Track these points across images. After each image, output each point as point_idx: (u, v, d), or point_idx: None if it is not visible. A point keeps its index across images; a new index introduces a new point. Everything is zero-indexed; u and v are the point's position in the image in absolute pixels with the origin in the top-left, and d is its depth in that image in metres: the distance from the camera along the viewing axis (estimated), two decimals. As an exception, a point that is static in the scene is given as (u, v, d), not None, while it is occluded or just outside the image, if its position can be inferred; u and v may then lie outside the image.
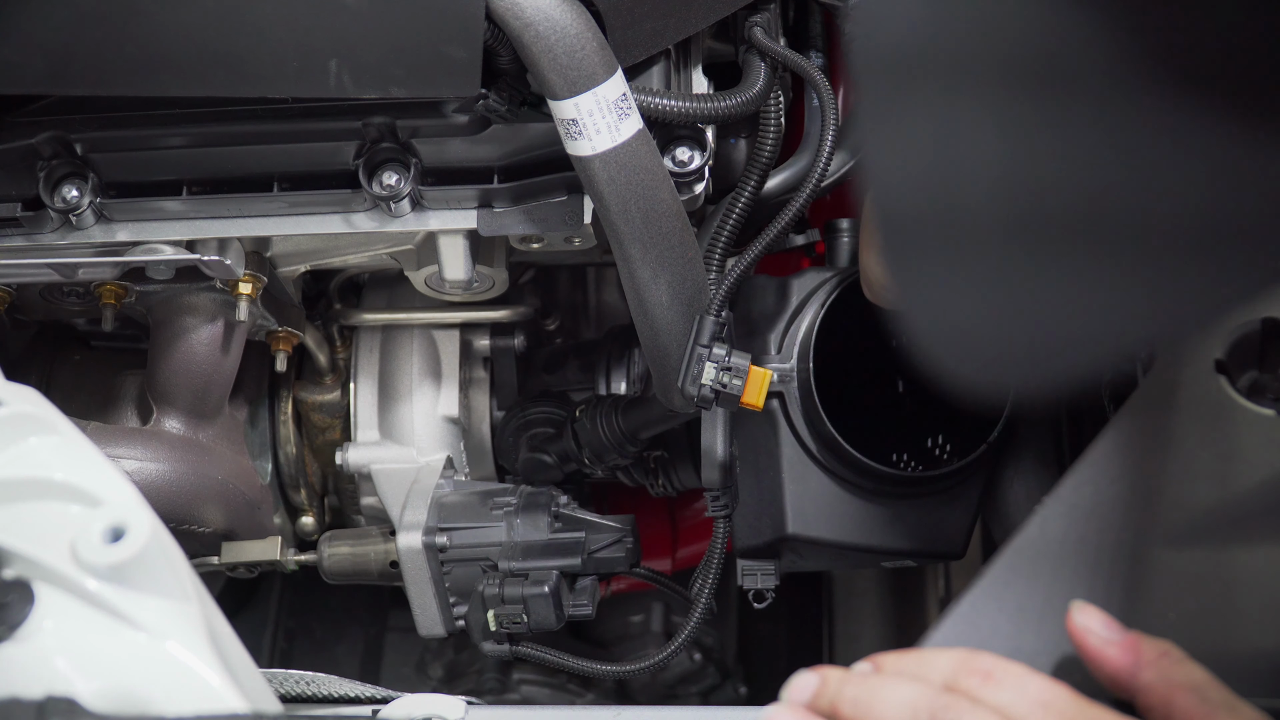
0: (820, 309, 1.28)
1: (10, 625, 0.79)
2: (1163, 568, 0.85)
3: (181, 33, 1.10)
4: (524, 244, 1.30)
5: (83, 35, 1.11)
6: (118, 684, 0.79)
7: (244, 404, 1.48)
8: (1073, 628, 0.80)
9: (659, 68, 1.22)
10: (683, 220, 1.18)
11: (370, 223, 1.24)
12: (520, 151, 1.22)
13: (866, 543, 1.32)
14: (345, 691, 1.15)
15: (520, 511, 1.37)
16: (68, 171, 1.21)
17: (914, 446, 1.38)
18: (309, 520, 1.55)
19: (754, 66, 1.22)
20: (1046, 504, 0.89)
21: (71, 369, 1.48)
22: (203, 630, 0.81)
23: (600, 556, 1.35)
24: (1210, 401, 0.91)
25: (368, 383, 1.48)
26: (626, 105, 1.11)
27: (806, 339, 1.28)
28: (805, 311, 1.30)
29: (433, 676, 1.88)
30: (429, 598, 1.38)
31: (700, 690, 1.90)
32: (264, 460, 1.50)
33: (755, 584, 1.38)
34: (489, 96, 1.15)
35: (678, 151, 1.21)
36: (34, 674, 0.78)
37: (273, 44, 1.10)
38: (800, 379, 1.28)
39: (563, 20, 1.07)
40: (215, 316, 1.35)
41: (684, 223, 1.18)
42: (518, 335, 1.49)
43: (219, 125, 1.20)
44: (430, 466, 1.44)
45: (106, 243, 1.24)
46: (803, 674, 0.83)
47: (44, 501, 0.84)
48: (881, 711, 0.77)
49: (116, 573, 0.80)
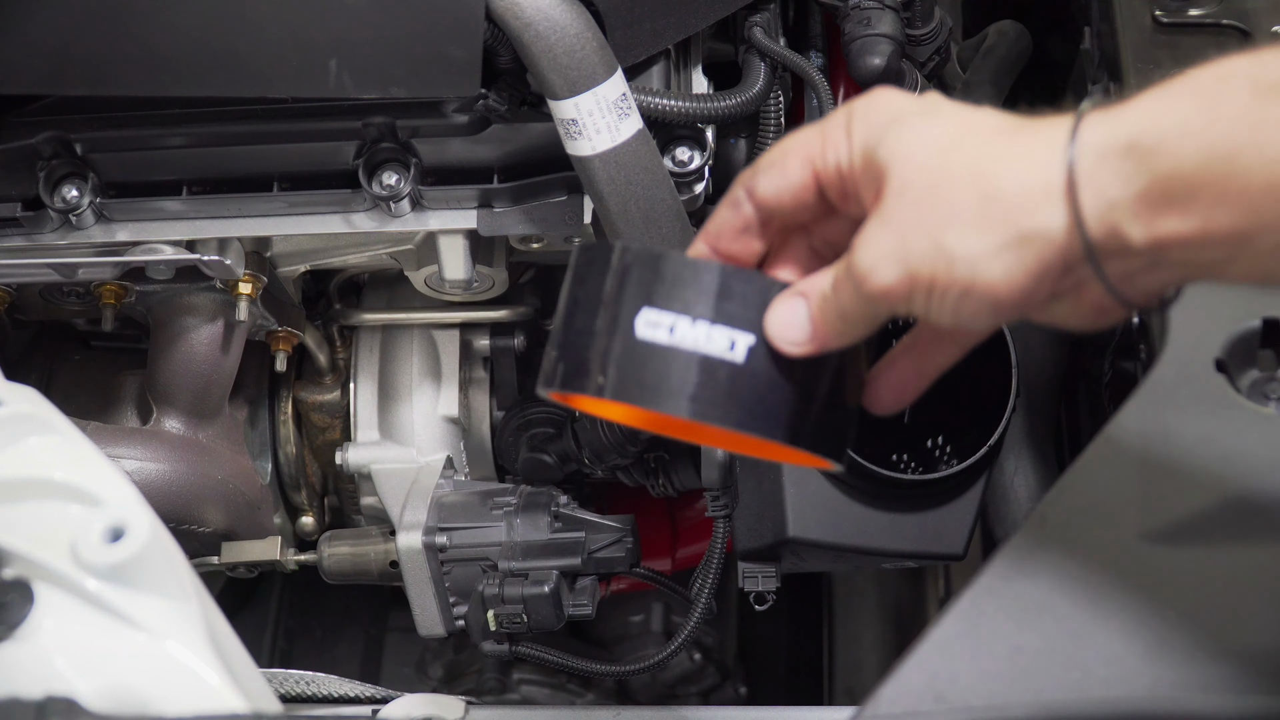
0: (820, 309, 1.28)
1: (10, 625, 0.79)
2: (1163, 567, 0.85)
3: (181, 33, 1.10)
4: (524, 244, 1.30)
5: (83, 35, 1.11)
6: (117, 684, 0.79)
7: (244, 404, 1.48)
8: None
9: (659, 68, 1.22)
10: (683, 220, 1.18)
11: (370, 223, 1.24)
12: (520, 151, 1.22)
13: (867, 545, 1.31)
14: (345, 691, 1.15)
15: (520, 511, 1.37)
16: (68, 171, 1.21)
17: (914, 448, 1.38)
18: (309, 520, 1.55)
19: (754, 66, 1.23)
20: (1047, 502, 0.89)
21: (71, 369, 1.48)
22: (203, 630, 0.81)
23: (600, 556, 1.35)
24: (1210, 401, 0.91)
25: (368, 383, 1.47)
26: (626, 105, 1.11)
27: (806, 339, 1.28)
28: (805, 311, 1.29)
29: (433, 676, 1.88)
30: (429, 598, 1.38)
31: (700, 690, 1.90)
32: (264, 460, 1.50)
33: (756, 586, 1.38)
34: (489, 96, 1.15)
35: (678, 151, 1.21)
36: (34, 674, 0.78)
37: (273, 44, 1.10)
38: (800, 379, 1.28)
39: (562, 20, 1.07)
40: (215, 316, 1.35)
41: (684, 223, 1.18)
42: (518, 335, 1.48)
43: (219, 125, 1.20)
44: (430, 466, 1.44)
45: (106, 243, 1.24)
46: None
47: (44, 501, 0.84)
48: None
49: (116, 572, 0.80)
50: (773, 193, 0.81)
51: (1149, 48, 1.13)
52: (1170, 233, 0.69)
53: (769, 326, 0.80)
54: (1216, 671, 0.80)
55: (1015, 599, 0.85)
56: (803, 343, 0.80)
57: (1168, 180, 0.69)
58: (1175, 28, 1.14)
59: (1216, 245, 0.69)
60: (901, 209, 0.74)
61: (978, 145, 0.74)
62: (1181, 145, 0.68)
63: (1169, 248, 0.70)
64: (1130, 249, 0.71)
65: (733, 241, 0.84)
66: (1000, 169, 0.72)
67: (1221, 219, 0.68)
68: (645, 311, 0.80)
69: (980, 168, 0.73)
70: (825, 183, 0.79)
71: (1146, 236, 0.70)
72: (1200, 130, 0.68)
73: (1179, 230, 0.69)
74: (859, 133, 0.77)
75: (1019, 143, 0.73)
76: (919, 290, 0.74)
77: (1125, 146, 0.70)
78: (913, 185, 0.74)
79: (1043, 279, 0.73)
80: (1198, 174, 0.68)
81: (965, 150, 0.74)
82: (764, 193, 0.81)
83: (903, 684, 0.83)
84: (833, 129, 0.78)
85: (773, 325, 0.80)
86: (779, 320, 0.80)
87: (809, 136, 0.80)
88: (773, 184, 0.81)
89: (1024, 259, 0.72)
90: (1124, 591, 0.84)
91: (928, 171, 0.74)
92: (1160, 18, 1.14)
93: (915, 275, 0.74)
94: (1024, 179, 0.72)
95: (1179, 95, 0.70)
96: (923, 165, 0.74)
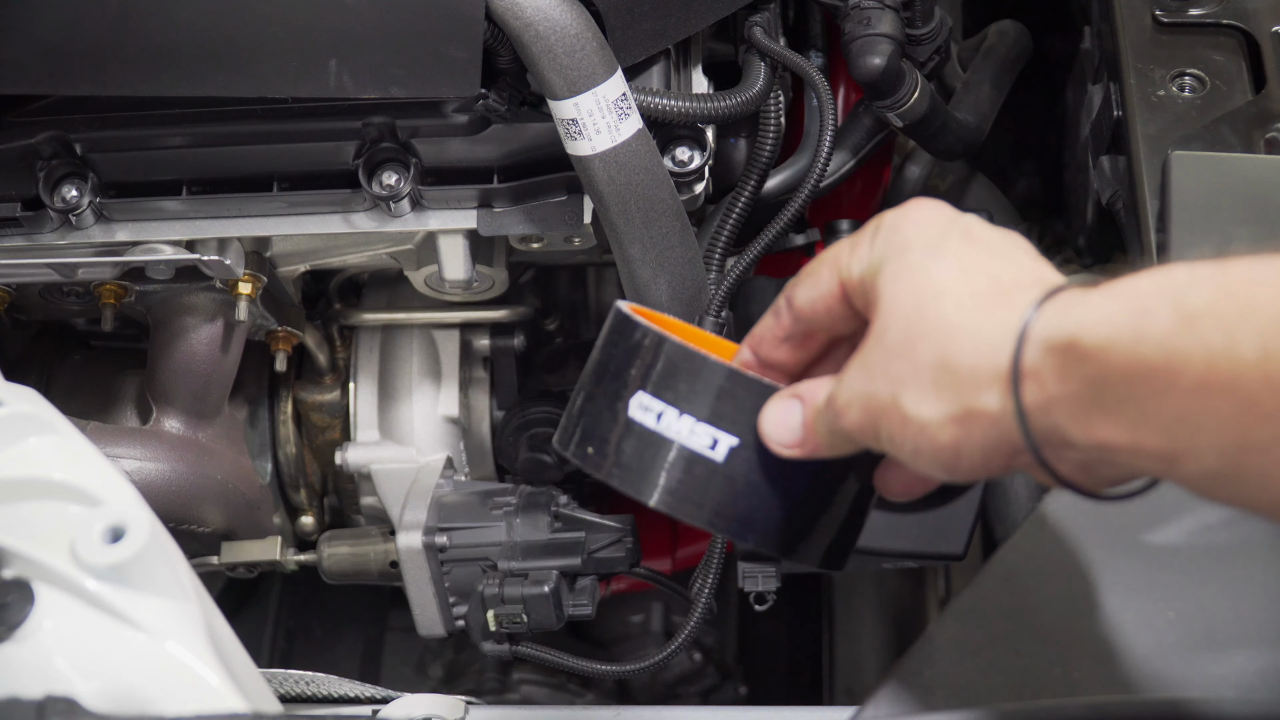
0: (820, 309, 1.28)
1: (10, 625, 0.79)
2: (1163, 567, 0.85)
3: (181, 32, 1.10)
4: (524, 244, 1.30)
5: (83, 35, 1.11)
6: (117, 684, 0.79)
7: (244, 404, 1.48)
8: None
9: (659, 68, 1.22)
10: (683, 220, 1.18)
11: (370, 223, 1.24)
12: (520, 151, 1.22)
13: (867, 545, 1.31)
14: (345, 691, 1.15)
15: (520, 511, 1.37)
16: (67, 171, 1.21)
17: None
18: (309, 520, 1.55)
19: (754, 66, 1.22)
20: (1047, 503, 0.89)
21: (71, 369, 1.48)
22: (202, 630, 0.81)
23: (600, 556, 1.35)
24: (1210, 401, 0.91)
25: (367, 383, 1.47)
26: (626, 105, 1.11)
27: (806, 339, 1.28)
28: (805, 311, 1.29)
29: (433, 676, 1.88)
30: (429, 598, 1.38)
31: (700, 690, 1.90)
32: (264, 460, 1.50)
33: (756, 586, 1.37)
34: (489, 96, 1.15)
35: (678, 151, 1.21)
36: (34, 674, 0.78)
37: (273, 44, 1.10)
38: (800, 379, 1.28)
39: (562, 20, 1.07)
40: (215, 316, 1.35)
41: (684, 223, 1.18)
42: (518, 335, 1.48)
43: (219, 125, 1.20)
44: (430, 466, 1.44)
45: (106, 243, 1.24)
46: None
47: (44, 501, 0.85)
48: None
49: (116, 573, 0.80)
50: (807, 302, 0.82)
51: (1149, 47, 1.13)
52: (1106, 438, 0.68)
53: (762, 423, 0.81)
54: (1216, 671, 0.80)
55: (1015, 599, 0.85)
56: (793, 445, 0.81)
57: (1098, 387, 0.67)
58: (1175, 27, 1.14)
59: (1150, 458, 0.68)
60: (876, 355, 0.75)
61: (951, 308, 0.73)
62: (1110, 356, 0.67)
63: (1110, 451, 0.69)
64: (1073, 444, 0.70)
65: (774, 349, 0.85)
66: (961, 340, 0.72)
67: (1149, 435, 0.67)
68: (640, 395, 0.82)
69: (947, 333, 0.73)
70: (850, 292, 0.80)
71: (1084, 437, 0.69)
72: (1129, 344, 0.66)
73: (1113, 438, 0.68)
74: (877, 249, 0.78)
75: (986, 316, 0.72)
76: (881, 438, 0.76)
77: (1065, 344, 0.68)
78: (889, 332, 0.75)
79: (991, 455, 0.73)
80: (1124, 386, 0.66)
81: (939, 310, 0.73)
82: (800, 302, 0.83)
83: (903, 684, 0.83)
84: (862, 239, 0.79)
85: (766, 423, 0.81)
86: (771, 419, 0.81)
87: (841, 245, 0.81)
88: (807, 293, 0.82)
89: (970, 433, 0.72)
90: (1123, 592, 0.84)
91: (905, 322, 0.74)
92: (1160, 17, 1.14)
93: (876, 426, 0.75)
94: (977, 357, 0.71)
95: (1119, 299, 0.68)
96: (902, 314, 0.75)
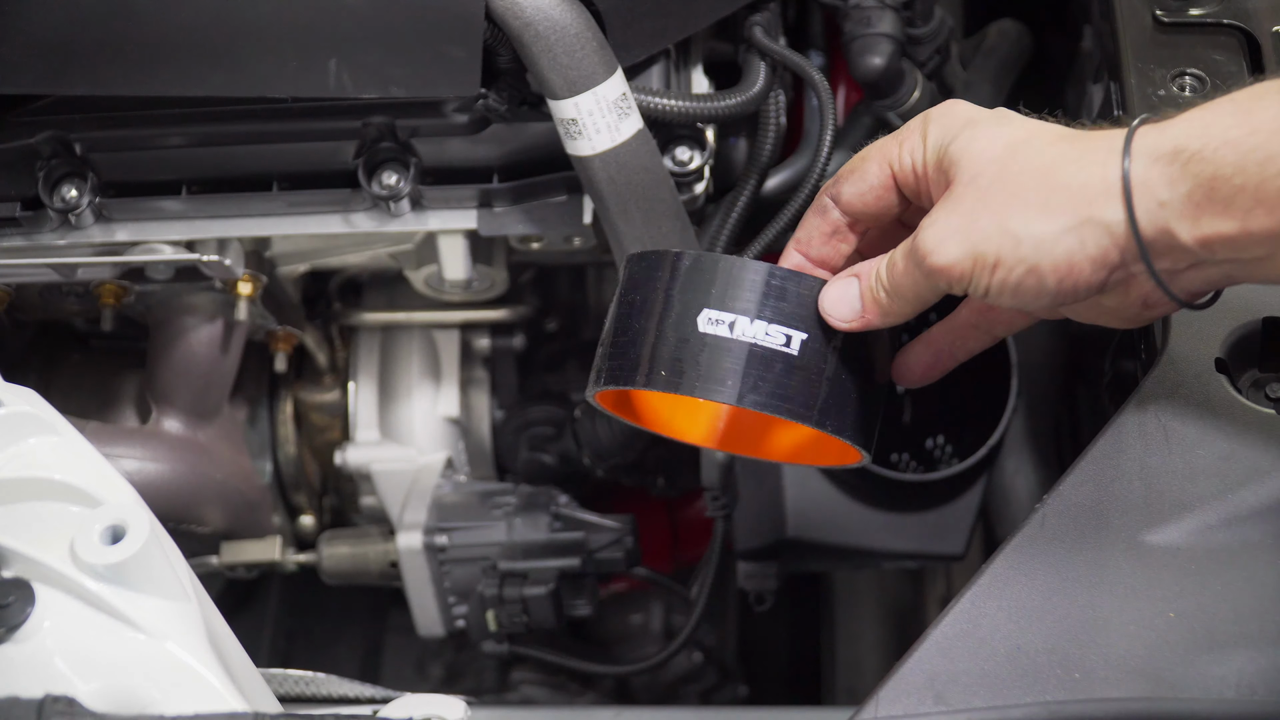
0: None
1: (10, 625, 0.79)
2: (1163, 567, 0.85)
3: (180, 32, 1.10)
4: (524, 244, 1.30)
5: (82, 35, 1.11)
6: (117, 684, 0.79)
7: (244, 404, 1.48)
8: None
9: (659, 67, 1.22)
10: (683, 220, 1.18)
11: (370, 222, 1.24)
12: (520, 151, 1.22)
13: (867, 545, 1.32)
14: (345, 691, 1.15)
15: (520, 511, 1.37)
16: (67, 171, 1.21)
17: (914, 448, 1.38)
18: (309, 520, 1.55)
19: (754, 66, 1.22)
20: (1047, 502, 0.89)
21: (71, 369, 1.47)
22: (201, 630, 0.81)
23: (600, 556, 1.35)
24: (1210, 401, 0.91)
25: (368, 383, 1.47)
26: (626, 105, 1.11)
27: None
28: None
29: (433, 676, 1.88)
30: (429, 598, 1.38)
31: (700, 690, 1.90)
32: (264, 460, 1.50)
33: (756, 586, 1.38)
34: (489, 96, 1.15)
35: (678, 151, 1.21)
36: (34, 674, 0.78)
37: (272, 44, 1.10)
38: (800, 379, 1.28)
39: (562, 20, 1.07)
40: (215, 316, 1.35)
41: (684, 223, 1.18)
42: (518, 335, 1.48)
43: (219, 125, 1.20)
44: (430, 466, 1.44)
45: (106, 243, 1.24)
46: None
47: (43, 501, 0.85)
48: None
49: (115, 573, 0.80)
50: (856, 195, 0.89)
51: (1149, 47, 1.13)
52: (1214, 232, 0.77)
53: (823, 303, 0.87)
54: (1216, 671, 0.80)
55: (1015, 599, 0.85)
56: (852, 319, 0.87)
57: (1210, 184, 0.76)
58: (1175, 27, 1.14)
59: (1257, 243, 0.76)
60: (970, 195, 0.82)
61: (1043, 147, 0.81)
62: (1220, 153, 0.76)
63: (1214, 246, 0.77)
64: (1179, 247, 0.78)
65: (823, 245, 0.92)
66: (1064, 166, 0.80)
67: (1259, 219, 0.75)
68: (707, 311, 0.86)
69: (1046, 164, 0.80)
70: (902, 182, 0.87)
71: (1193, 235, 0.77)
72: (1237, 140, 0.75)
73: (1222, 230, 0.76)
74: (934, 134, 0.85)
75: (1079, 147, 0.81)
76: (982, 269, 0.81)
77: (1172, 153, 0.77)
78: (982, 175, 0.81)
79: (1100, 266, 0.79)
80: (1236, 178, 0.75)
81: (1032, 149, 0.81)
82: (848, 197, 0.90)
83: (903, 684, 0.83)
84: (909, 133, 0.87)
85: (826, 302, 0.87)
86: (831, 297, 0.87)
87: (886, 142, 0.88)
88: (855, 188, 0.89)
89: (1085, 244, 0.79)
90: (1124, 591, 0.84)
91: (997, 164, 0.81)
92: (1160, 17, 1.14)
93: (979, 254, 0.81)
94: (1085, 176, 0.79)
95: (1219, 109, 0.77)
96: (993, 159, 0.82)
